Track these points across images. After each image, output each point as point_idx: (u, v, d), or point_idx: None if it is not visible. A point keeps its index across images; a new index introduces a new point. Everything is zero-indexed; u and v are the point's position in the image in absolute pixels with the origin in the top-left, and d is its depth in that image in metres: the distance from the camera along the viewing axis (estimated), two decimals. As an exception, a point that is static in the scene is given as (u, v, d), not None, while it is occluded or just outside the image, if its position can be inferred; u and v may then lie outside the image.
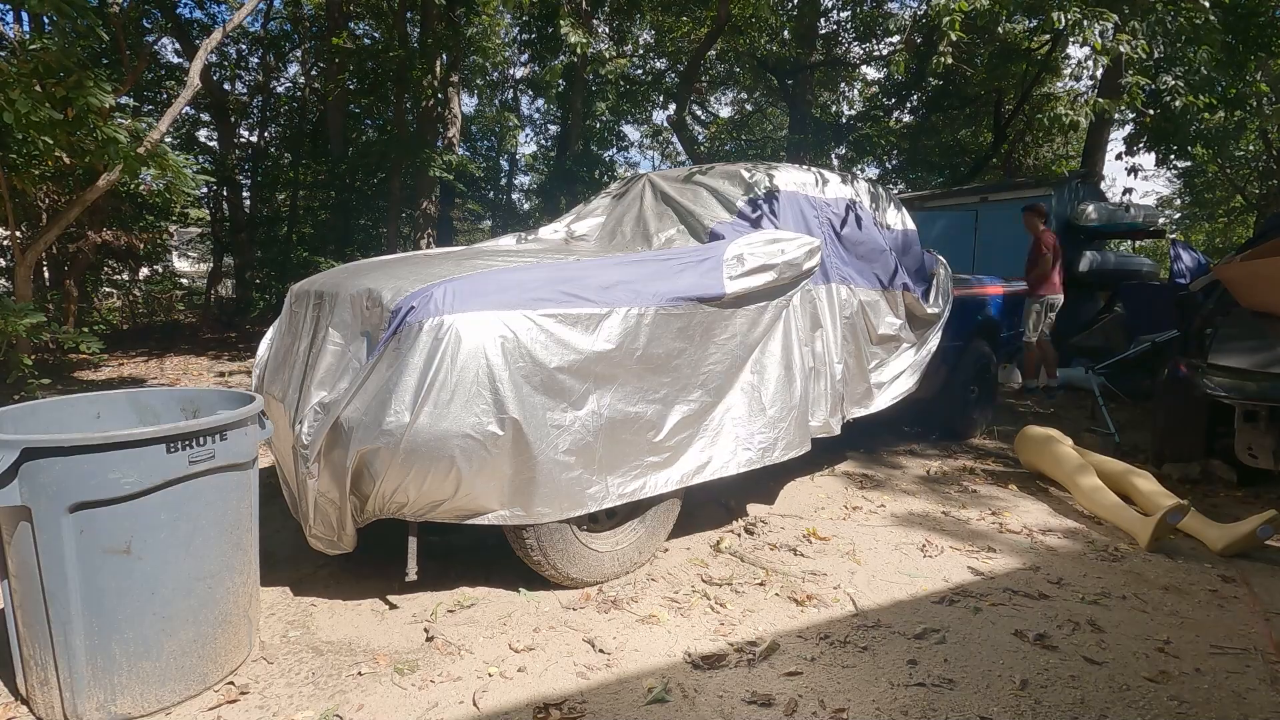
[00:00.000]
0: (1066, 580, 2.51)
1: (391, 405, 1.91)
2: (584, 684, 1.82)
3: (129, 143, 4.02)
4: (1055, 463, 3.47)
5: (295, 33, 12.14)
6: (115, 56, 7.50)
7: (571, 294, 2.16)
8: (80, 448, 1.48)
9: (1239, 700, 1.81)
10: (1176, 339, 5.02)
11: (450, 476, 1.97)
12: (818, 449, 4.11)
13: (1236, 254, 4.10)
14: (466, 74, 10.52)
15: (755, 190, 3.14)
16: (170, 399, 2.12)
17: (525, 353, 2.01)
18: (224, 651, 1.78)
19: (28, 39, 5.04)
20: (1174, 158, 9.50)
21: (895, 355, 3.56)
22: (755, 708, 1.73)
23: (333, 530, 2.12)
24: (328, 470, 2.03)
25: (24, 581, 1.56)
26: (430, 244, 9.29)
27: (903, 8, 13.49)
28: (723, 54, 13.85)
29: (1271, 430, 3.33)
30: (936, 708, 1.75)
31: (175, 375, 6.46)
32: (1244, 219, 18.01)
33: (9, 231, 5.12)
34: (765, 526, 2.96)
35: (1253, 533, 2.69)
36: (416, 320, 1.96)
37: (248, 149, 12.46)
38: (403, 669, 1.87)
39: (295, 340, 2.60)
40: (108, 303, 10.13)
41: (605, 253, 2.85)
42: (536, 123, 20.45)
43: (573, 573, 2.28)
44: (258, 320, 10.55)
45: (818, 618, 2.20)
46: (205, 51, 5.30)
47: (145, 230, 8.14)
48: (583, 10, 9.11)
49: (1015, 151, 13.24)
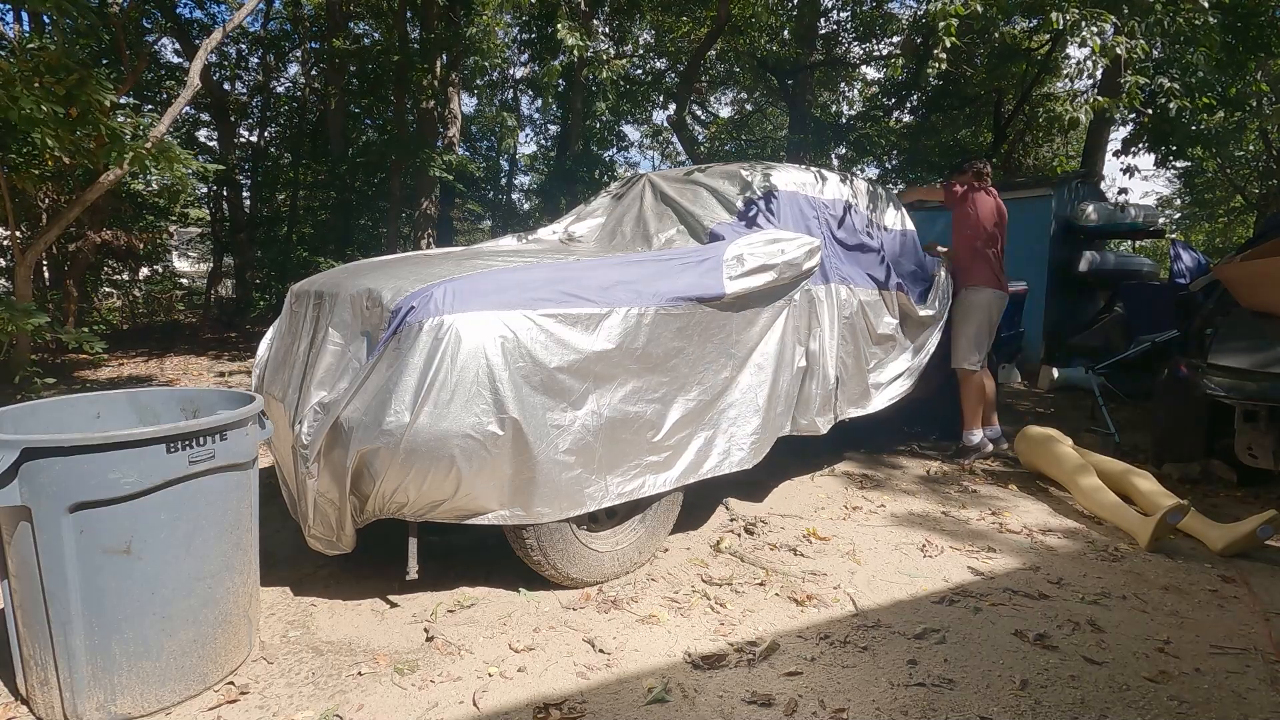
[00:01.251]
0: (1066, 580, 2.51)
1: (391, 405, 1.91)
2: (584, 684, 1.82)
3: (134, 139, 4.03)
4: (1055, 463, 3.47)
5: (295, 33, 12.14)
6: (115, 56, 7.50)
7: (571, 294, 2.16)
8: (80, 448, 1.48)
9: (1239, 700, 1.81)
10: (1176, 339, 5.03)
11: (450, 476, 1.97)
12: (818, 449, 4.13)
13: (1236, 254, 4.10)
14: (466, 74, 10.49)
15: (754, 190, 3.15)
16: (170, 399, 2.12)
17: (525, 352, 2.02)
18: (224, 651, 1.78)
19: (27, 38, 5.04)
20: (1173, 158, 9.50)
21: (894, 356, 3.56)
22: (755, 708, 1.73)
23: (332, 531, 2.12)
24: (327, 470, 2.03)
25: (24, 581, 1.56)
26: (430, 244, 9.29)
27: (903, 8, 13.49)
28: (723, 54, 13.86)
29: (1271, 430, 3.33)
30: (936, 708, 1.75)
31: (175, 375, 6.46)
32: (1244, 219, 18.01)
33: (9, 231, 5.12)
34: (765, 526, 2.96)
35: (1253, 533, 2.69)
36: (416, 320, 1.96)
37: (248, 149, 12.46)
38: (403, 669, 1.87)
39: (295, 340, 2.60)
40: (108, 303, 10.13)
41: (605, 253, 2.85)
42: (536, 123, 20.46)
43: (573, 573, 2.28)
44: (258, 320, 10.55)
45: (818, 618, 2.20)
46: (205, 51, 5.29)
47: (145, 230, 8.15)
48: (582, 10, 9.11)
49: (1015, 151, 13.24)
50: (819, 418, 2.97)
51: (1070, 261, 7.37)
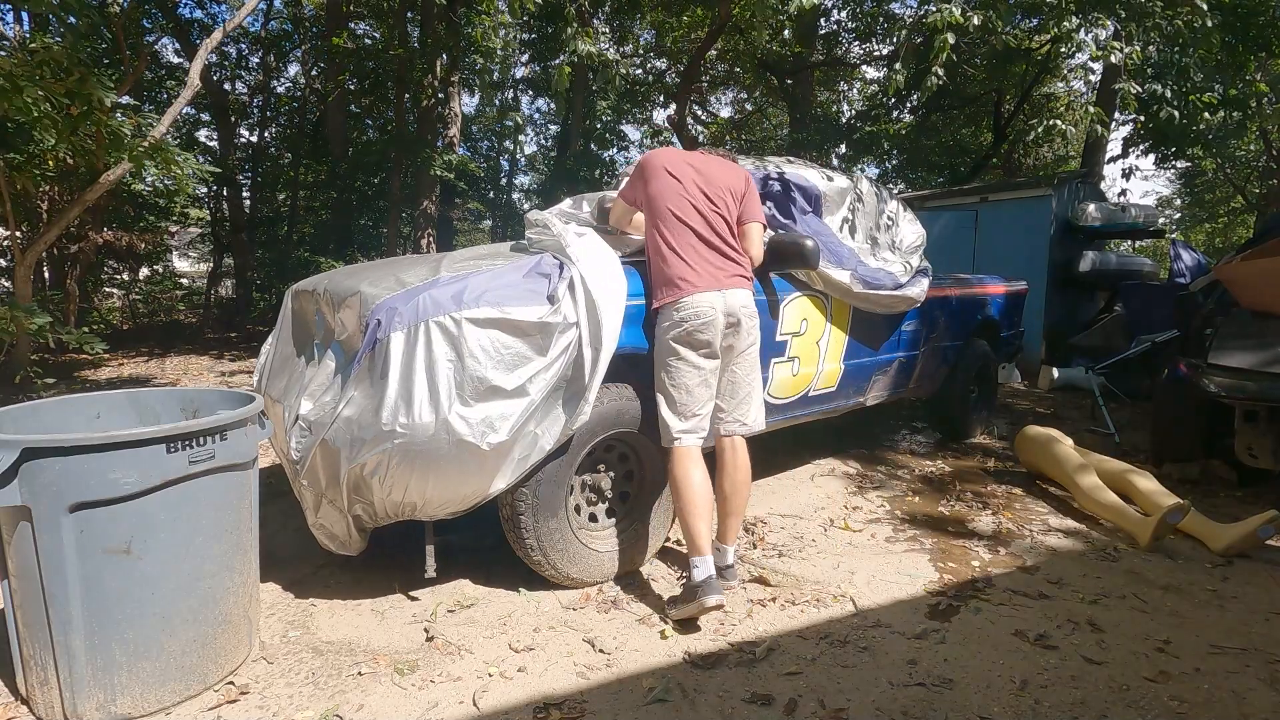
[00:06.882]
0: (1066, 580, 2.51)
1: (382, 412, 1.92)
2: (584, 684, 1.82)
3: (134, 138, 4.04)
4: (1055, 462, 3.47)
5: (295, 33, 12.14)
6: (115, 57, 7.50)
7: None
8: (80, 448, 1.48)
9: (1239, 700, 1.81)
10: (1176, 339, 5.02)
11: (449, 476, 1.97)
12: (818, 449, 4.13)
13: (1236, 254, 4.10)
14: (467, 74, 10.47)
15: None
16: (170, 399, 2.12)
17: (501, 354, 2.01)
18: (224, 651, 1.78)
19: (28, 38, 5.04)
20: (1172, 159, 9.51)
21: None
22: (755, 707, 1.73)
23: (334, 537, 2.17)
24: (320, 480, 2.07)
25: (24, 581, 1.56)
26: (431, 244, 9.27)
27: (903, 8, 13.48)
28: (723, 54, 13.85)
29: (1271, 430, 3.33)
30: (936, 708, 1.75)
31: (176, 375, 6.45)
32: (1244, 219, 18.02)
33: (9, 231, 5.13)
34: (765, 526, 2.96)
35: (1253, 533, 2.69)
36: (404, 325, 1.96)
37: (248, 149, 12.45)
38: (403, 669, 1.87)
39: (293, 342, 2.61)
40: (108, 303, 10.13)
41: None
42: (537, 123, 20.48)
43: (573, 573, 2.28)
44: (258, 320, 10.55)
45: (818, 618, 2.20)
46: (205, 51, 5.29)
47: (145, 230, 8.15)
48: (584, 10, 9.10)
49: (1015, 152, 13.24)
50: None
51: (1070, 261, 7.36)
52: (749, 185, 2.42)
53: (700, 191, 2.28)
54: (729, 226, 2.32)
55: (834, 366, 3.22)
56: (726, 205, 2.32)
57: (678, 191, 2.26)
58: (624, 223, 2.54)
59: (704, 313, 2.17)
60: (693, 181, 2.28)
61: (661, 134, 18.43)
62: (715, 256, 2.25)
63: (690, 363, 2.20)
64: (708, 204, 2.28)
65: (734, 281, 2.26)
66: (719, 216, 2.30)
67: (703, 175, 2.31)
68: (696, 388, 2.21)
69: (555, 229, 2.34)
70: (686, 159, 2.35)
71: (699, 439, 2.24)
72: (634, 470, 2.51)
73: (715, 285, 2.21)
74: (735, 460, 2.31)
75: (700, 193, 2.28)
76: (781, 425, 3.09)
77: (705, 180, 2.30)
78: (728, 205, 2.32)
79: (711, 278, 2.21)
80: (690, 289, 2.18)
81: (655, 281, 2.28)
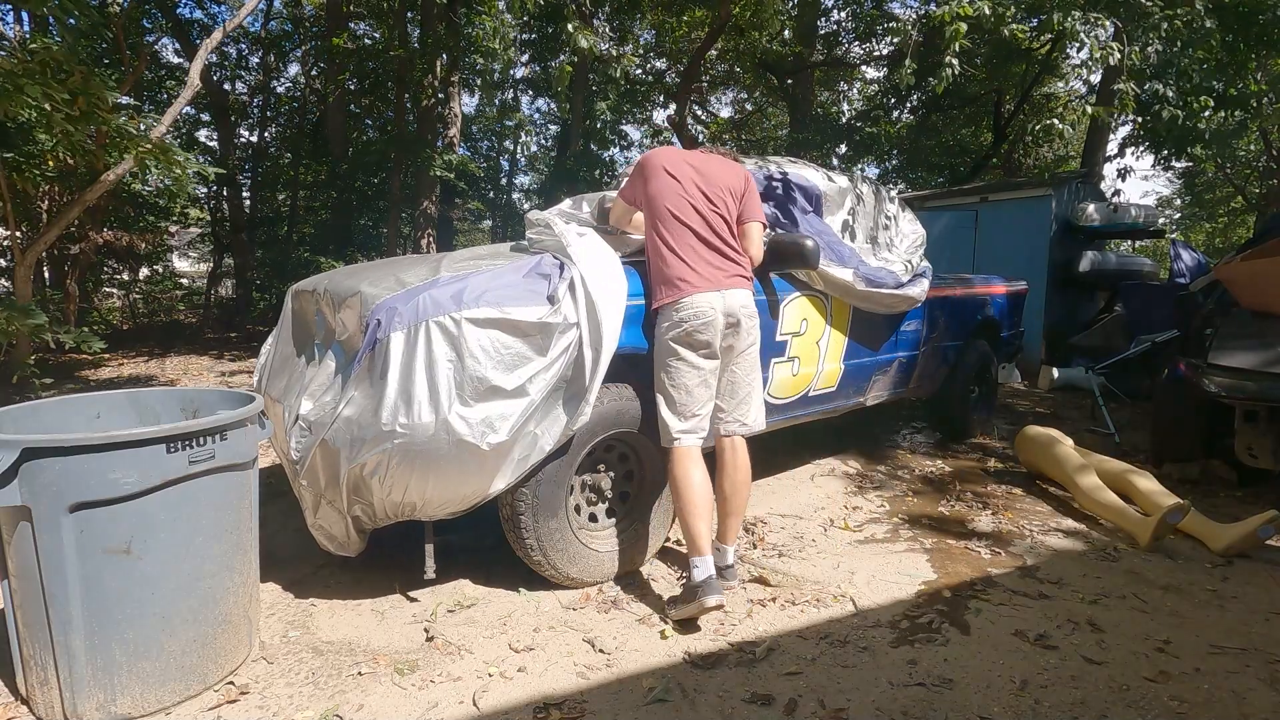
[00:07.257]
0: (1066, 580, 2.51)
1: (382, 412, 1.92)
2: (584, 684, 1.82)
3: (138, 136, 4.03)
4: (1055, 462, 3.47)
5: (295, 33, 12.14)
6: (115, 57, 7.50)
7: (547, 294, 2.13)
8: (80, 448, 1.48)
9: (1239, 700, 1.81)
10: (1176, 339, 5.02)
11: (449, 476, 1.97)
12: (818, 449, 4.13)
13: (1236, 254, 4.10)
14: (468, 74, 10.47)
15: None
16: (170, 399, 2.12)
17: (501, 354, 2.00)
18: (224, 651, 1.78)
19: (30, 38, 5.04)
20: (1172, 159, 9.50)
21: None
22: (755, 707, 1.73)
23: (333, 538, 2.17)
24: (319, 480, 2.06)
25: (24, 581, 1.56)
26: (431, 244, 9.27)
27: (904, 8, 13.48)
28: (723, 54, 13.85)
29: (1271, 430, 3.33)
30: (936, 708, 1.75)
31: (176, 375, 6.45)
32: (1244, 219, 18.02)
33: (9, 231, 5.12)
34: (765, 526, 2.96)
35: (1253, 533, 2.69)
36: (404, 325, 1.96)
37: (248, 149, 12.45)
38: (403, 669, 1.87)
39: (293, 342, 2.61)
40: (108, 303, 10.13)
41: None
42: (537, 123, 20.47)
43: (573, 573, 2.28)
44: (258, 320, 10.55)
45: (818, 618, 2.20)
46: (205, 51, 5.29)
47: (145, 230, 8.14)
48: (585, 10, 9.10)
49: (1015, 152, 13.24)
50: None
51: (1070, 261, 7.37)
52: (749, 184, 2.40)
53: (699, 191, 2.27)
54: (728, 226, 2.31)
55: (834, 366, 3.22)
56: (726, 205, 2.31)
57: (677, 191, 2.25)
58: (624, 222, 2.53)
59: (703, 313, 2.17)
60: (692, 181, 2.27)
61: (661, 134, 18.43)
62: (715, 256, 2.25)
63: (690, 363, 2.20)
64: (707, 204, 2.27)
65: (734, 282, 2.26)
66: (718, 216, 2.28)
67: (702, 175, 2.30)
68: (696, 388, 2.21)
69: (556, 229, 2.34)
70: (686, 158, 2.33)
71: (699, 439, 2.24)
72: (634, 470, 2.51)
73: (715, 285, 2.20)
74: (735, 460, 2.31)
75: (699, 192, 2.27)
76: (781, 425, 3.09)
77: (705, 180, 2.29)
78: (727, 205, 2.31)
79: (711, 278, 2.21)
80: (690, 289, 2.18)
81: (655, 282, 2.28)
